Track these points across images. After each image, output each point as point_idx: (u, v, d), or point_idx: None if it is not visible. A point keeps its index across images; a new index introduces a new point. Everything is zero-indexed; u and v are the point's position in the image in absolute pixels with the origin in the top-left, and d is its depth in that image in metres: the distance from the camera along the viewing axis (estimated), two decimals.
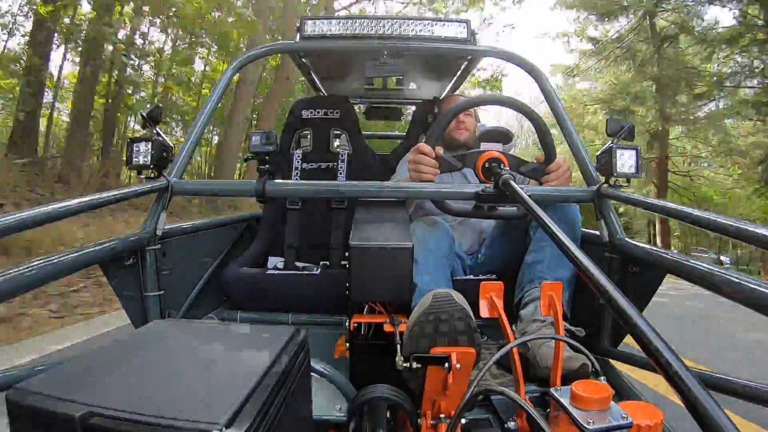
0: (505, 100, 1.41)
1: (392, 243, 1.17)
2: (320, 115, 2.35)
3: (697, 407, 0.41)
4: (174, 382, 0.58)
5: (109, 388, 0.56)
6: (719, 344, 3.87)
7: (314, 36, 1.79)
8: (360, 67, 2.20)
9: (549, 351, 1.14)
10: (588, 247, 1.46)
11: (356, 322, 1.16)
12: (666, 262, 1.08)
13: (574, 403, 0.61)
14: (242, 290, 1.76)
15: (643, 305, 1.20)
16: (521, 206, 1.17)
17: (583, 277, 0.64)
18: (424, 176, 1.37)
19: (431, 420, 0.94)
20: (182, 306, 1.56)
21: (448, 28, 1.78)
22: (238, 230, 2.13)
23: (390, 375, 0.97)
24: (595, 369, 0.89)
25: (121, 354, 0.66)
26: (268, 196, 1.37)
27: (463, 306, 0.91)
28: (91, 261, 1.13)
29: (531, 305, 1.35)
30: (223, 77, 1.72)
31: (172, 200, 1.42)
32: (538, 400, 1.05)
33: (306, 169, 2.29)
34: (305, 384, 0.84)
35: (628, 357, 1.26)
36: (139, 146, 1.37)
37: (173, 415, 0.50)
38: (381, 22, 1.78)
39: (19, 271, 0.86)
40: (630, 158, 1.33)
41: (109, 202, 1.20)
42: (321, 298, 1.74)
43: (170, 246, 1.42)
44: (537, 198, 0.99)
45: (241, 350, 0.71)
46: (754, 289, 0.76)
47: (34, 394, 0.54)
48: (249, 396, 0.56)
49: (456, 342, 0.89)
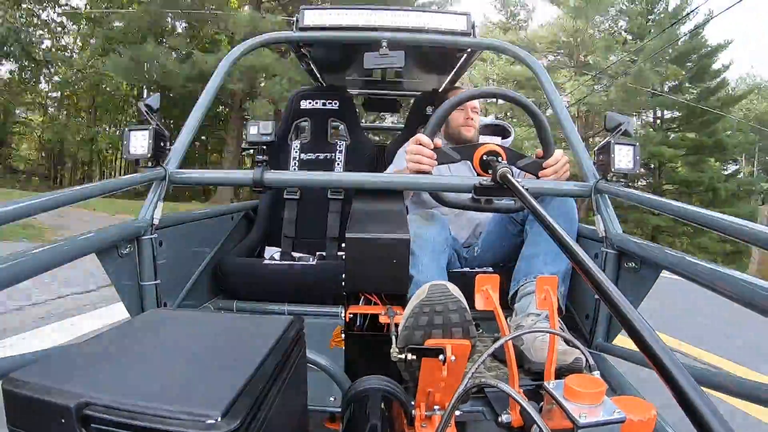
0: (504, 93, 1.41)
1: (389, 235, 1.17)
2: (319, 106, 2.34)
3: (688, 404, 0.41)
4: (170, 372, 0.58)
5: (104, 378, 0.56)
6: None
7: (313, 27, 1.78)
8: (359, 59, 2.19)
9: (543, 345, 1.15)
10: (584, 241, 1.46)
11: (352, 313, 1.16)
12: (662, 258, 1.08)
13: (568, 396, 0.62)
14: (238, 280, 1.76)
15: (638, 301, 1.21)
16: (518, 200, 1.18)
17: (578, 271, 0.64)
18: (421, 167, 1.37)
19: (425, 411, 0.95)
20: (178, 295, 1.56)
21: (448, 19, 1.77)
22: (235, 220, 2.12)
23: (385, 366, 0.98)
24: (588, 363, 0.90)
25: (117, 343, 0.66)
26: (266, 185, 1.37)
27: (459, 298, 0.91)
28: (87, 250, 1.12)
29: (526, 299, 1.36)
30: (221, 67, 1.71)
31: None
32: (531, 393, 1.06)
33: (304, 160, 2.29)
34: (301, 374, 0.84)
35: (623, 352, 1.27)
36: (136, 135, 1.36)
37: (169, 404, 0.50)
38: (380, 12, 1.76)
39: (14, 261, 0.85)
40: (628, 154, 1.33)
41: (107, 191, 1.20)
42: (317, 288, 1.74)
43: (167, 235, 1.42)
44: (534, 192, 0.99)
45: (237, 340, 0.71)
46: (752, 288, 0.76)
47: (30, 383, 0.53)
48: (245, 386, 0.56)
49: (451, 334, 0.89)
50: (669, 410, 0.64)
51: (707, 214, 0.97)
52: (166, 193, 1.40)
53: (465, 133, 1.87)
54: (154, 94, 1.41)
